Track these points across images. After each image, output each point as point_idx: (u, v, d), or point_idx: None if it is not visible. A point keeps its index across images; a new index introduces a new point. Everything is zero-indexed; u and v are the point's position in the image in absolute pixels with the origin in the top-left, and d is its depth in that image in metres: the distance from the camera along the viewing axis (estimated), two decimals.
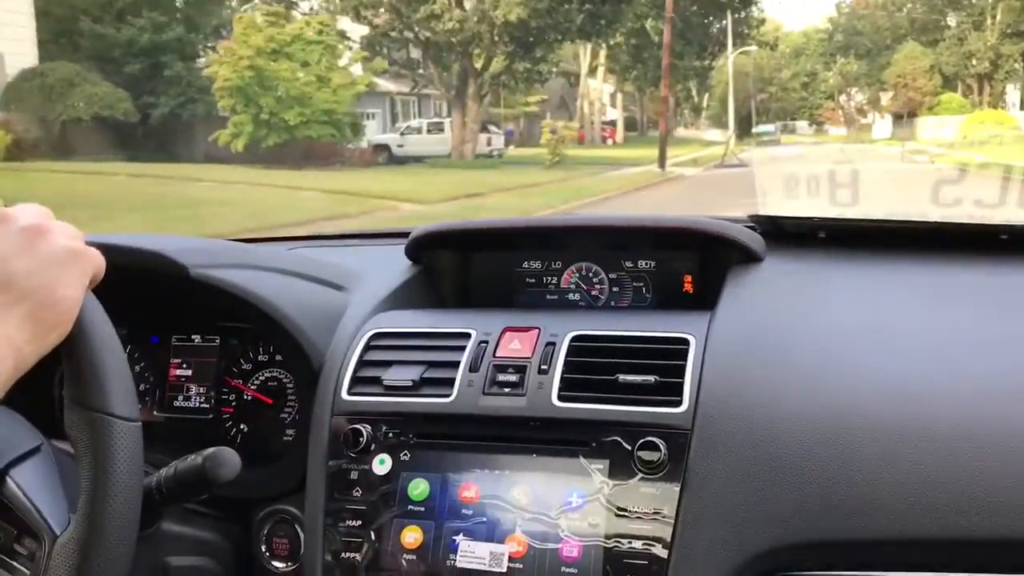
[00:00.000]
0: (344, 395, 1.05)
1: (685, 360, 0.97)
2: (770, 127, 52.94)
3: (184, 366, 1.28)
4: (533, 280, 1.33)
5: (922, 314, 1.03)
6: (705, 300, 1.09)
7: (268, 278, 1.15)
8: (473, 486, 0.97)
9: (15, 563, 0.75)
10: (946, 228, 1.19)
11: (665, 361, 0.97)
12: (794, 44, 76.66)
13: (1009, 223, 1.17)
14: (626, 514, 0.91)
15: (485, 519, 0.96)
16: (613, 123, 55.09)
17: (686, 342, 0.99)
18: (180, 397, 1.28)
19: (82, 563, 0.70)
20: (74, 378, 0.69)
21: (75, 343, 0.67)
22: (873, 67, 55.44)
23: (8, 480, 0.78)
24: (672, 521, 0.89)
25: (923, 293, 1.08)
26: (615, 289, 1.32)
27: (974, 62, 45.18)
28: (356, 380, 1.06)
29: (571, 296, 1.32)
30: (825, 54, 73.52)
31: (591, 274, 1.33)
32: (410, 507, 0.98)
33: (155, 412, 1.25)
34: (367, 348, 1.08)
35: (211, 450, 0.82)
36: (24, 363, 0.61)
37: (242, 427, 1.21)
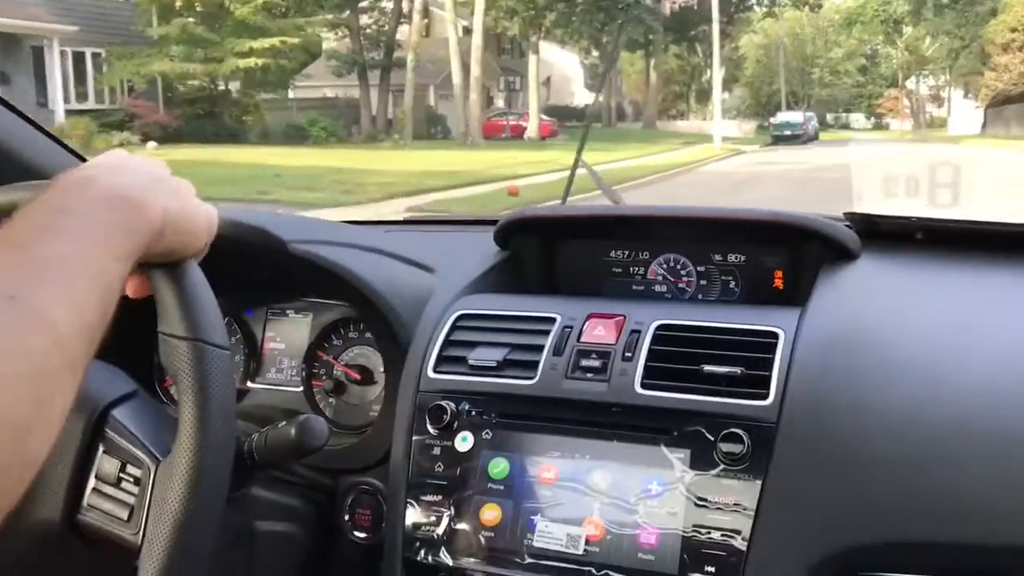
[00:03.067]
0: (430, 373, 1.13)
1: (773, 353, 1.01)
2: (795, 116, 28.43)
3: (277, 339, 1.40)
4: (619, 270, 1.38)
5: (1017, 319, 1.07)
6: (795, 296, 1.16)
7: (363, 256, 1.27)
8: (553, 468, 1.04)
9: (122, 490, 0.87)
10: None
11: (752, 354, 1.01)
12: (846, 10, 55.51)
13: None
14: (706, 504, 0.96)
15: (563, 501, 1.02)
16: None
17: (775, 335, 1.03)
18: (272, 369, 1.39)
19: (187, 481, 0.78)
20: (173, 311, 0.78)
21: (179, 274, 0.78)
22: (965, 21, 31.06)
23: (110, 418, 0.90)
24: (752, 514, 0.94)
25: (1021, 298, 1.12)
26: (703, 282, 1.34)
27: None
28: (442, 359, 1.14)
29: (657, 287, 1.36)
30: (887, 21, 52.82)
31: (679, 266, 1.36)
32: (490, 485, 1.05)
33: (248, 383, 1.38)
34: (453, 328, 1.17)
35: (302, 418, 0.91)
36: (162, 242, 0.72)
37: (331, 401, 1.33)
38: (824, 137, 42.43)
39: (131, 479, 0.88)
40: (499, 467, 1.07)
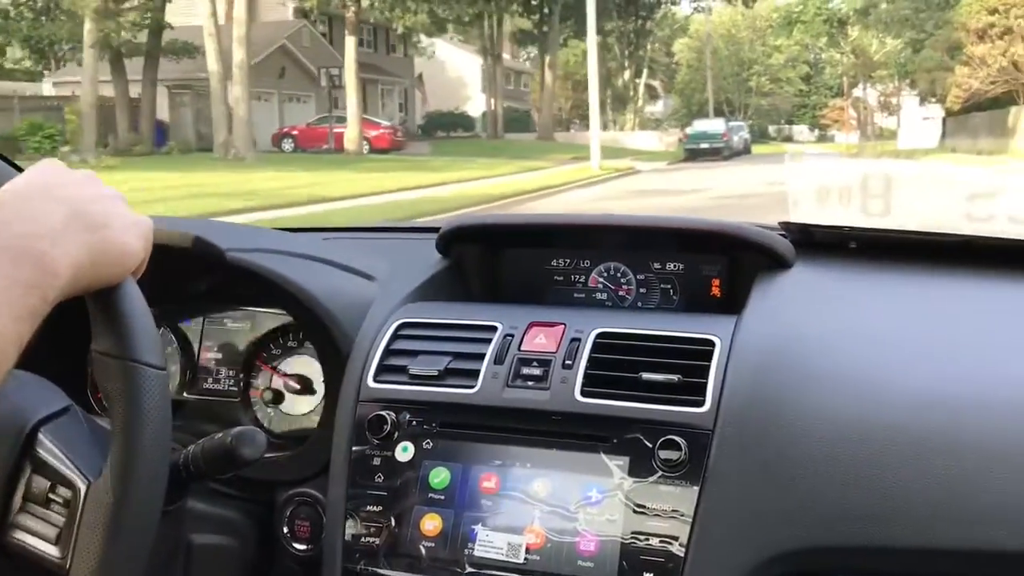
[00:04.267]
0: (370, 382, 1.16)
1: (709, 361, 1.06)
2: (715, 125, 17.71)
3: (214, 349, 1.42)
4: (561, 278, 1.43)
5: (951, 327, 1.14)
6: (732, 305, 1.23)
7: (302, 265, 1.29)
8: (493, 477, 1.07)
9: (51, 511, 0.85)
10: (978, 242, 1.30)
11: (689, 361, 1.06)
12: (785, 8, 48.48)
13: None
14: (644, 511, 1.00)
15: (504, 510, 1.05)
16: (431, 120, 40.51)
17: (711, 343, 1.08)
18: (209, 379, 1.42)
19: (117, 502, 0.79)
20: (107, 330, 0.79)
21: (113, 296, 0.78)
22: (927, 5, 21.44)
23: (40, 436, 0.89)
24: (690, 520, 0.98)
25: (953, 306, 1.20)
26: (642, 290, 1.40)
27: None
28: (382, 368, 1.17)
29: (598, 295, 1.42)
30: (831, 21, 46.14)
31: (619, 274, 1.42)
32: (430, 495, 1.08)
33: (184, 393, 1.41)
34: (394, 337, 1.21)
35: (238, 429, 0.92)
36: (74, 288, 0.70)
37: (269, 411, 1.37)
38: (761, 151, 39.72)
39: (60, 500, 0.86)
40: (440, 477, 1.09)
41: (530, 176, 18.79)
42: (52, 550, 0.84)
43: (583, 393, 1.08)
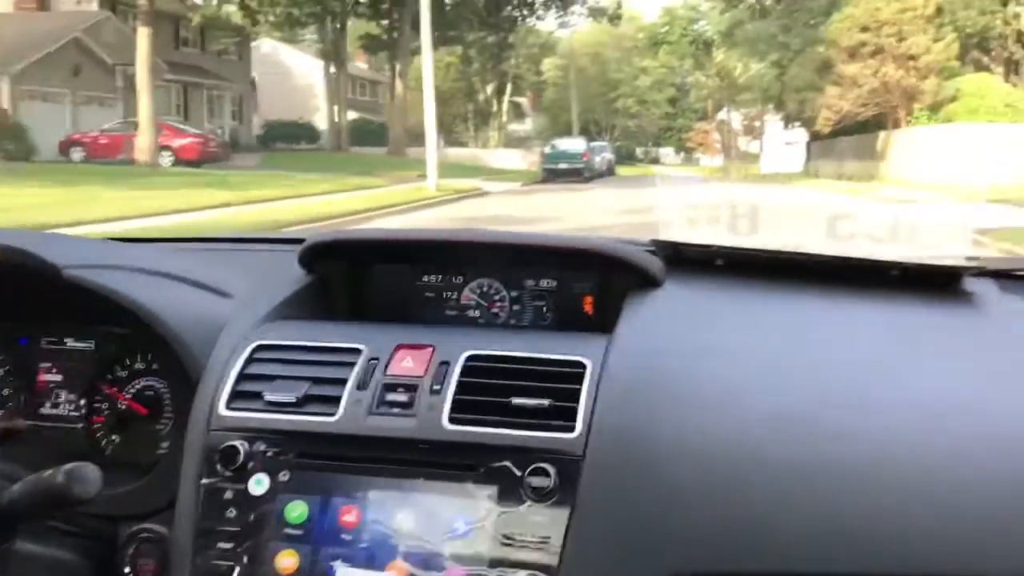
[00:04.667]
0: (222, 409, 1.10)
1: (580, 384, 1.05)
2: (575, 145, 13.45)
3: (54, 371, 1.34)
4: (432, 295, 1.41)
5: (814, 347, 1.15)
6: (606, 322, 1.20)
7: (146, 281, 1.24)
8: (355, 510, 1.03)
9: None
10: (839, 262, 1.33)
11: (560, 385, 1.05)
12: (651, 29, 47.23)
13: (900, 260, 1.33)
14: (512, 542, 0.98)
15: (365, 544, 1.01)
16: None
17: (582, 366, 1.07)
18: (48, 404, 1.33)
19: None
20: None
21: None
22: (795, 22, 18.52)
23: None
24: (559, 549, 0.96)
25: (817, 326, 1.21)
26: (516, 307, 1.39)
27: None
28: (236, 394, 1.11)
29: (471, 313, 1.40)
30: (696, 43, 45.18)
31: (492, 291, 1.40)
32: (287, 530, 1.03)
33: (20, 420, 1.33)
34: (250, 360, 1.14)
35: (70, 465, 0.88)
36: None
37: (114, 438, 1.30)
38: (627, 173, 39.13)
39: None
40: (297, 511, 1.03)
41: (356, 195, 16.87)
42: None
43: (451, 420, 1.05)
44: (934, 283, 1.30)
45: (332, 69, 34.09)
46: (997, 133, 19.47)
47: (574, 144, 30.49)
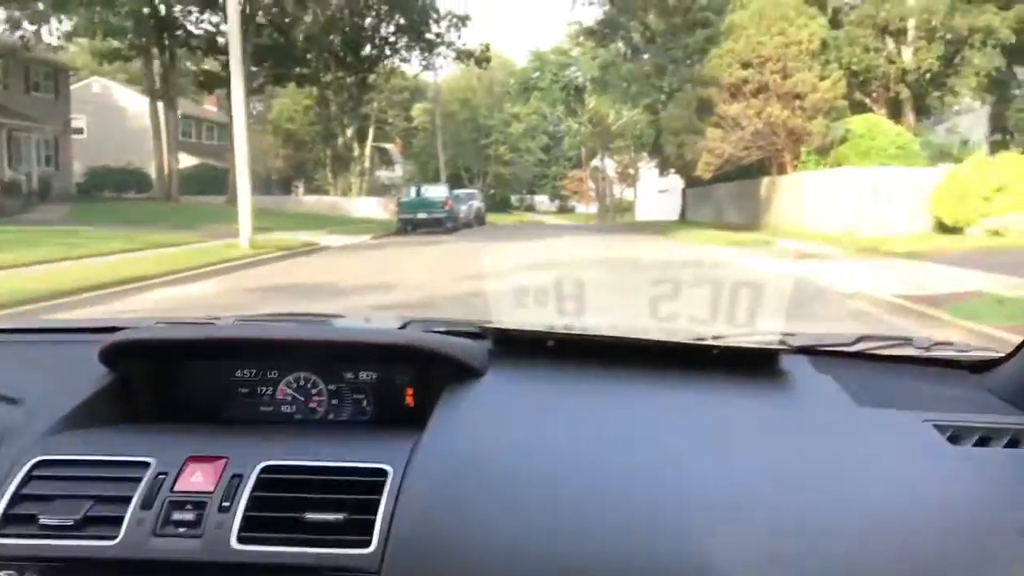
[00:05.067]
0: None
1: (380, 494, 1.04)
2: (436, 192, 11.79)
3: None
4: (246, 390, 1.36)
5: (636, 434, 1.16)
6: (427, 414, 1.20)
7: None
8: None
9: None
10: (665, 345, 1.36)
11: (358, 496, 1.04)
12: (522, 75, 45.55)
13: (718, 341, 1.37)
14: None
15: None
16: None
17: (383, 473, 1.06)
18: None
19: None
20: None
21: None
22: (671, 60, 15.10)
23: None
24: None
25: (638, 413, 1.22)
26: (334, 401, 1.35)
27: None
28: (9, 518, 1.05)
29: (286, 408, 1.35)
30: (568, 89, 43.82)
31: (309, 385, 1.36)
32: None
33: None
34: (28, 479, 1.08)
35: None
36: None
37: None
38: (502, 220, 37.97)
39: None
40: None
41: (151, 255, 13.78)
42: None
43: (240, 539, 1.01)
44: (751, 363, 1.33)
45: (156, 106, 30.17)
46: (890, 177, 17.75)
47: (435, 191, 27.44)
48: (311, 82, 35.91)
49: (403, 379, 1.34)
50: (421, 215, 25.43)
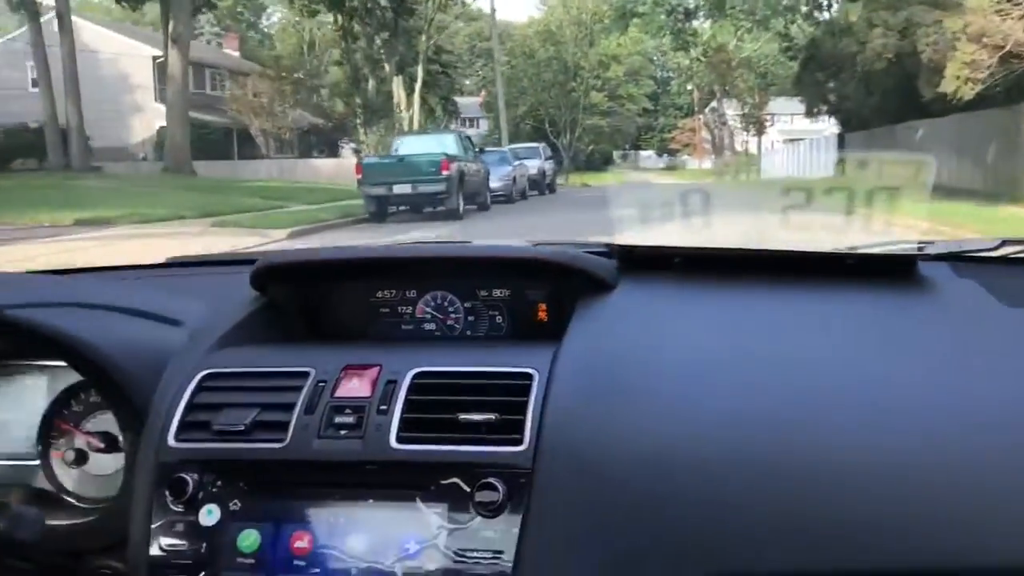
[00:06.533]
0: (171, 441, 1.16)
1: (527, 396, 1.11)
2: (431, 144, 18.29)
3: (7, 408, 1.42)
4: (387, 310, 1.47)
5: (770, 342, 1.20)
6: (560, 329, 1.26)
7: (90, 316, 1.29)
8: (306, 536, 1.09)
9: None
10: (795, 256, 1.39)
11: (507, 398, 1.12)
12: (619, 2, 34.66)
13: (853, 249, 1.42)
14: (464, 559, 1.03)
15: (319, 570, 1.07)
16: None
17: (529, 377, 1.13)
18: (3, 442, 1.41)
19: None
20: None
21: None
22: None
23: None
24: (511, 564, 1.02)
25: (774, 321, 1.26)
26: (470, 318, 1.45)
27: None
28: (185, 425, 1.17)
29: (426, 326, 1.47)
30: (674, 13, 32.76)
31: (446, 303, 1.46)
32: (239, 559, 1.09)
33: None
34: (199, 390, 1.21)
35: (15, 509, 0.96)
36: None
37: (71, 473, 1.37)
38: (593, 181, 32.04)
39: None
40: (249, 539, 1.09)
41: None
42: None
43: (399, 439, 1.10)
44: (889, 271, 1.35)
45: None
46: None
47: (422, 144, 18.24)
48: (332, 4, 27.10)
49: (535, 295, 1.41)
50: (400, 187, 16.33)
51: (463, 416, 1.09)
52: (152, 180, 22.62)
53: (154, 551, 1.10)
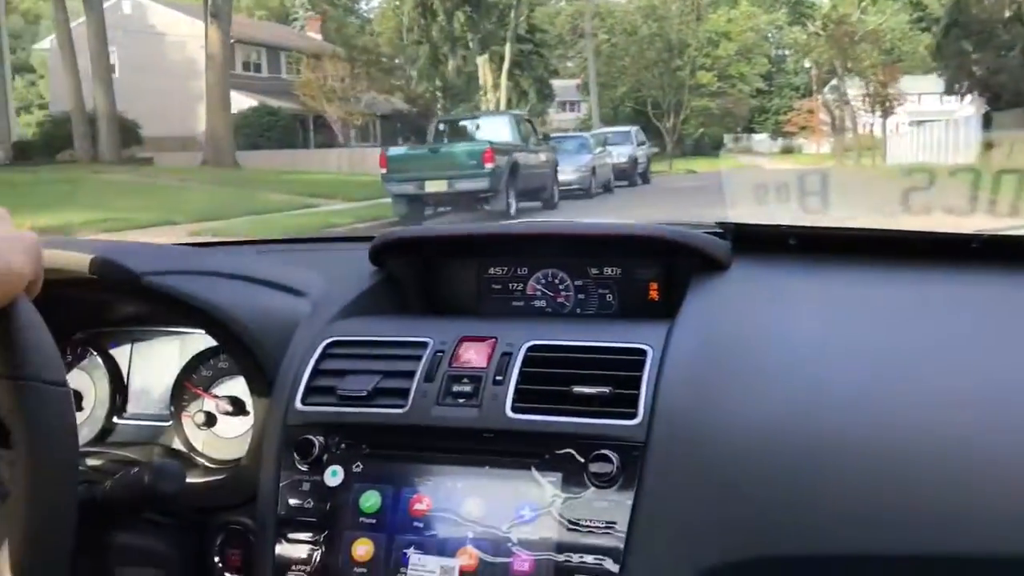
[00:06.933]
0: (298, 405, 1.23)
1: (641, 371, 1.13)
2: (491, 127, 16.42)
3: (143, 372, 1.55)
4: (498, 287, 1.52)
5: (890, 324, 1.20)
6: (671, 307, 1.30)
7: (223, 285, 1.33)
8: (425, 498, 1.14)
9: None
10: (916, 237, 1.38)
11: (621, 372, 1.14)
12: None
13: (979, 232, 1.37)
14: (578, 527, 1.06)
15: (436, 532, 1.12)
16: None
17: (643, 353, 1.15)
18: (140, 404, 1.54)
19: (27, 523, 0.83)
20: (3, 350, 0.82)
21: (8, 315, 0.82)
22: None
23: None
24: (624, 534, 1.04)
25: (892, 303, 1.26)
26: (581, 296, 1.48)
27: None
28: (310, 390, 1.24)
29: (537, 303, 1.51)
30: None
31: (557, 281, 1.49)
32: (361, 519, 1.15)
33: (114, 419, 1.53)
34: (323, 357, 1.28)
35: (157, 462, 1.03)
36: None
37: (200, 434, 1.46)
38: (699, 167, 29.43)
39: None
40: (371, 500, 1.15)
41: None
42: None
43: (514, 409, 1.14)
44: (1018, 254, 1.32)
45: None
46: None
47: (466, 128, 15.98)
48: None
49: (646, 273, 1.42)
50: (433, 183, 13.56)
51: (577, 389, 1.11)
52: (188, 173, 20.63)
53: (281, 509, 1.16)
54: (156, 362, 1.48)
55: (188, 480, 1.14)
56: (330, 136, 31.41)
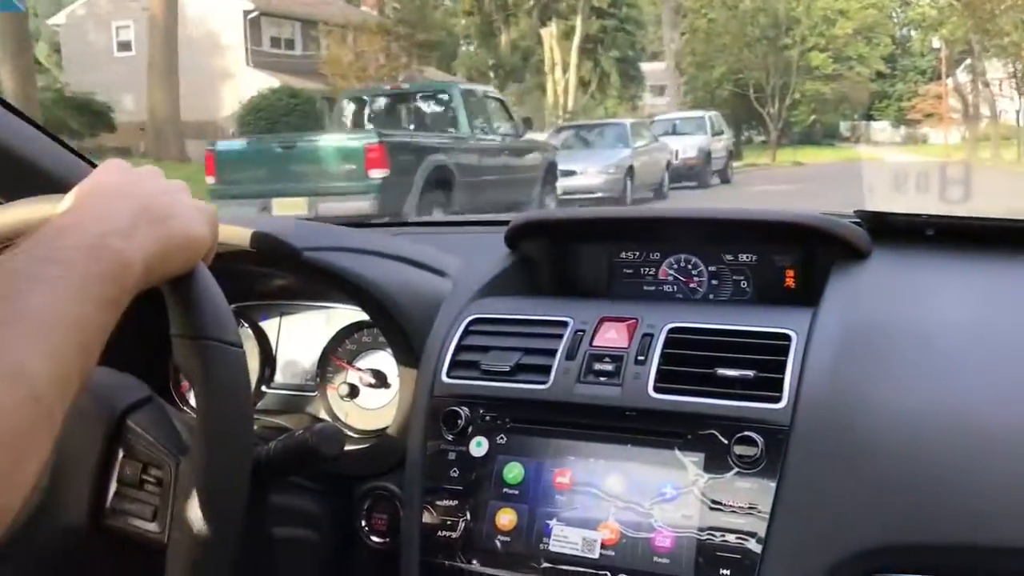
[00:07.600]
0: (444, 378, 1.34)
1: (786, 356, 1.18)
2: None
3: (291, 344, 1.69)
4: (631, 271, 1.60)
5: None
6: (807, 296, 1.37)
7: (375, 263, 1.45)
8: (567, 472, 1.22)
9: (144, 491, 1.01)
10: None
11: (765, 356, 1.20)
12: None
13: None
14: (720, 507, 1.12)
15: (578, 505, 1.20)
16: None
17: (787, 337, 1.20)
18: (288, 374, 1.70)
19: (207, 471, 0.93)
20: (182, 314, 0.91)
21: (185, 282, 0.90)
22: None
23: (128, 423, 1.05)
24: (767, 516, 1.09)
25: None
26: (714, 282, 1.55)
27: None
28: (455, 364, 1.35)
29: (668, 288, 1.59)
30: None
31: (690, 266, 1.55)
32: (505, 490, 1.23)
33: (263, 388, 1.69)
34: (466, 333, 1.38)
35: (318, 426, 1.08)
36: (149, 278, 0.82)
37: (344, 405, 1.62)
38: (807, 158, 26.92)
39: (153, 480, 1.03)
40: (514, 472, 1.23)
41: None
42: (150, 526, 0.99)
43: (656, 389, 1.20)
44: None
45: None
46: None
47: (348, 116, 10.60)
48: None
49: (783, 260, 1.47)
50: (284, 204, 8.04)
51: (720, 371, 1.17)
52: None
53: (427, 479, 1.25)
54: (303, 335, 1.58)
55: None
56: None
